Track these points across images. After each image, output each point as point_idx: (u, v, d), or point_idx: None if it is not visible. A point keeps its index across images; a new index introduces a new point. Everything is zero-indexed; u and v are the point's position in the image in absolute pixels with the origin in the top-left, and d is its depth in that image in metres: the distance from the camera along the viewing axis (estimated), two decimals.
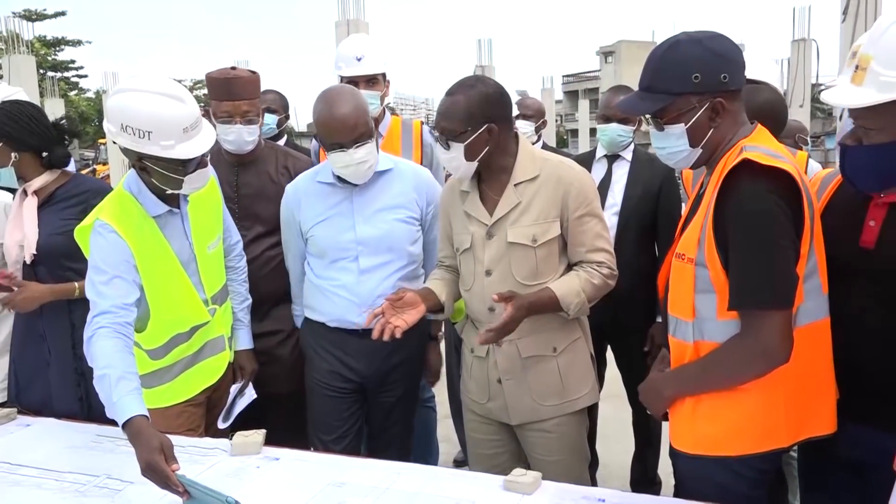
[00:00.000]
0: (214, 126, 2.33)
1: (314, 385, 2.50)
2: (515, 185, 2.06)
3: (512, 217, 2.06)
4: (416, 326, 2.55)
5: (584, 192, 2.05)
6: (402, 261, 2.42)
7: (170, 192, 2.11)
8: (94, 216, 2.07)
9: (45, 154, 2.39)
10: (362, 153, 2.25)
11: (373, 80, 3.01)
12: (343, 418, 2.50)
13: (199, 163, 2.06)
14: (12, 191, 2.65)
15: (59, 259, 2.35)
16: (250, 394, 2.47)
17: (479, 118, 1.99)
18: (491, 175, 2.10)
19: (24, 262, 2.39)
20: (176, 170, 2.02)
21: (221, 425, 2.39)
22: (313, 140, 3.20)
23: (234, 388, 2.45)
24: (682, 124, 1.62)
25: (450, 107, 2.01)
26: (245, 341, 2.51)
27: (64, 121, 2.48)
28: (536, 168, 2.07)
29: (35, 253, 2.36)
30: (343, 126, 2.23)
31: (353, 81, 2.94)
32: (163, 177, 2.04)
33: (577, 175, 2.07)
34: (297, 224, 2.45)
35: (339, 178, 2.38)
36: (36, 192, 2.41)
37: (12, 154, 2.36)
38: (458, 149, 2.01)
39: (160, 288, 2.13)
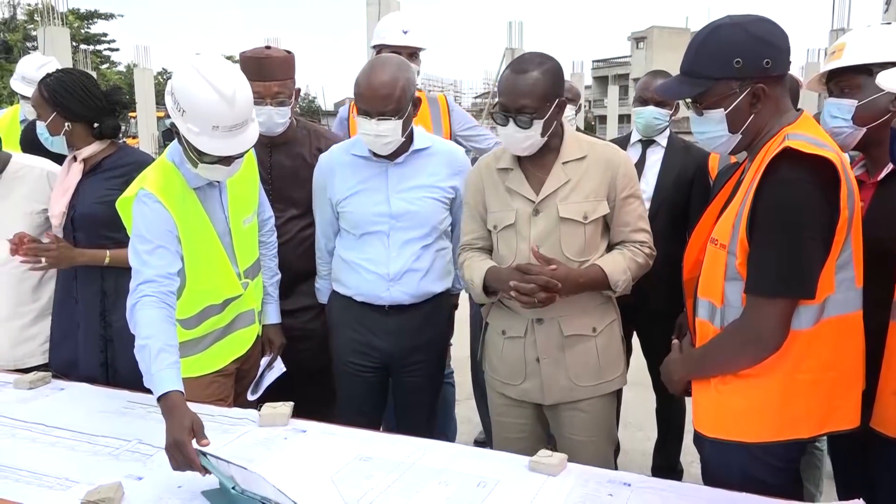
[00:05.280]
0: None
1: (341, 368, 2.53)
2: (564, 163, 2.09)
3: (561, 194, 2.08)
4: (442, 308, 2.57)
5: (629, 174, 2.13)
6: (431, 238, 2.43)
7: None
8: (138, 186, 2.09)
9: (96, 125, 2.43)
10: (384, 128, 2.24)
11: (415, 55, 3.03)
12: (370, 397, 2.54)
13: (220, 159, 2.03)
14: (61, 157, 2.70)
15: (97, 227, 2.38)
16: (279, 367, 2.50)
17: (555, 93, 2.03)
18: (536, 152, 2.09)
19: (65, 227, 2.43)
20: (194, 151, 2.01)
21: (251, 397, 2.42)
22: (340, 110, 3.23)
23: (263, 362, 2.48)
24: (722, 109, 1.61)
25: (531, 84, 1.98)
26: (273, 316, 2.54)
27: (115, 91, 2.51)
28: (583, 149, 2.12)
29: (65, 217, 2.40)
30: (373, 95, 2.22)
31: (397, 52, 2.95)
32: (186, 149, 2.05)
33: (622, 158, 2.15)
34: (327, 195, 2.46)
35: (374, 152, 2.38)
36: (84, 160, 2.45)
37: (65, 124, 2.41)
38: (538, 126, 2.01)
39: (197, 259, 2.16)
